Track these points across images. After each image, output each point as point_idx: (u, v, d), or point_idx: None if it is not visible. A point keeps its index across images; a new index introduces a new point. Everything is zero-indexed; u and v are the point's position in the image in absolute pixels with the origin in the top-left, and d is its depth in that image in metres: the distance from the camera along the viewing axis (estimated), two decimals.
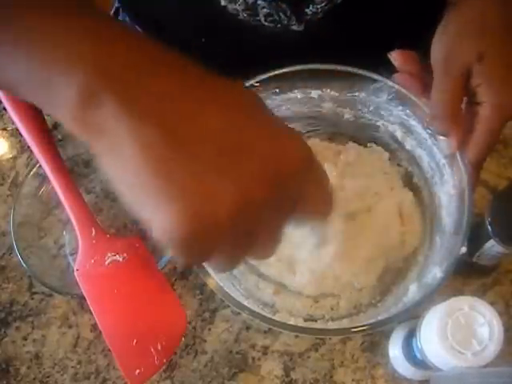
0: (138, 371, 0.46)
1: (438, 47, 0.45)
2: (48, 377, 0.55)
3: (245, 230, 0.29)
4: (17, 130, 0.64)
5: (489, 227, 0.47)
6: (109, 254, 0.52)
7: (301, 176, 0.30)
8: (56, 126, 0.66)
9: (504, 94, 0.42)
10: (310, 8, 0.53)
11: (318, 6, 0.53)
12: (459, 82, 0.43)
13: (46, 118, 0.54)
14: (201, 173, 0.27)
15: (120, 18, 0.71)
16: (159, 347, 0.47)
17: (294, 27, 0.55)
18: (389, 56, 0.47)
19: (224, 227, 0.28)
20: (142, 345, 0.47)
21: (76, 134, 0.28)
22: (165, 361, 0.47)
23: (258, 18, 0.55)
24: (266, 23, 0.55)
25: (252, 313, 0.43)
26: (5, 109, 0.66)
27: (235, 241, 0.30)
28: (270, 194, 0.29)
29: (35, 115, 0.53)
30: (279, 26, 0.55)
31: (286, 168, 0.29)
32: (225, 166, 0.28)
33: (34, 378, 0.54)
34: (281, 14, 0.54)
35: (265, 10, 0.54)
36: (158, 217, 0.28)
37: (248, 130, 0.29)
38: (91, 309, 0.49)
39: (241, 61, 0.46)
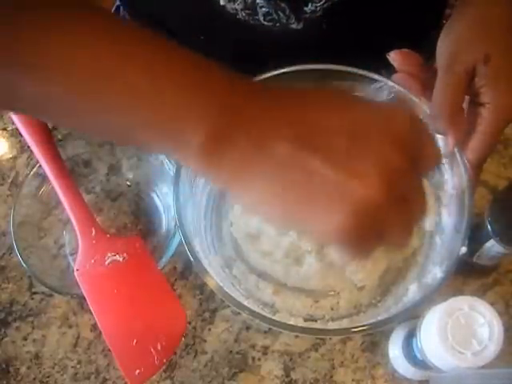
0: (137, 371, 0.46)
1: (444, 46, 0.45)
2: (48, 377, 0.55)
3: (399, 198, 0.31)
4: (17, 129, 0.64)
5: (489, 227, 0.47)
6: (109, 254, 0.52)
7: (415, 132, 0.32)
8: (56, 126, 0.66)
9: (508, 96, 0.43)
10: (309, 6, 0.53)
11: (317, 5, 0.53)
12: (462, 81, 0.43)
13: None
14: (340, 167, 0.29)
15: (120, 14, 0.71)
16: (159, 347, 0.47)
17: (293, 26, 0.55)
18: (387, 56, 0.47)
19: (382, 202, 0.29)
20: (141, 345, 0.47)
21: (208, 176, 0.32)
22: (165, 361, 0.47)
23: (257, 18, 0.55)
24: (265, 22, 0.55)
25: (252, 313, 0.43)
26: None
27: (397, 210, 0.31)
28: (403, 156, 0.30)
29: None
30: (278, 25, 0.55)
31: (403, 130, 0.31)
32: (356, 152, 0.30)
33: (34, 378, 0.54)
34: (280, 12, 0.54)
35: (264, 9, 0.54)
36: (322, 225, 0.30)
37: (356, 117, 0.31)
38: (91, 309, 0.49)
39: (240, 60, 0.46)
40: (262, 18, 0.55)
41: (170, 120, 0.30)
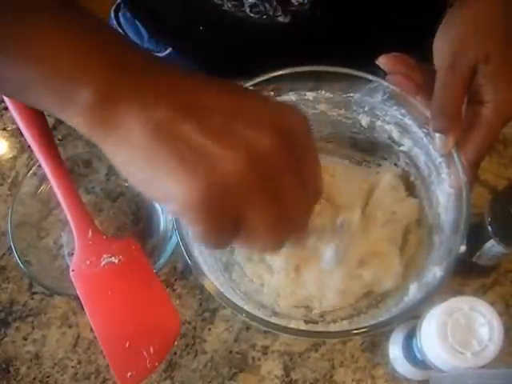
0: (129, 374, 0.46)
1: (443, 44, 0.44)
2: (48, 377, 0.55)
3: (269, 192, 0.30)
4: (17, 129, 0.64)
5: (489, 227, 0.47)
6: (104, 256, 0.51)
7: (302, 135, 0.31)
8: (56, 126, 0.66)
9: (508, 95, 0.43)
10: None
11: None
12: (465, 80, 0.43)
13: (46, 117, 0.54)
14: (207, 136, 0.29)
15: (120, 12, 0.71)
16: (152, 350, 0.47)
17: (280, 19, 0.55)
18: (377, 63, 0.47)
19: (240, 179, 0.29)
20: (134, 347, 0.47)
21: (87, 133, 0.31)
22: (157, 364, 0.47)
23: (243, 9, 0.54)
24: (252, 14, 0.55)
25: (252, 317, 0.43)
26: (5, 108, 0.67)
27: (262, 203, 0.30)
28: (282, 147, 0.29)
29: (36, 115, 0.53)
30: (265, 17, 0.55)
31: (289, 126, 0.30)
32: (230, 128, 0.29)
33: (34, 378, 0.54)
34: (266, 4, 0.53)
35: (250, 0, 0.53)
36: (176, 190, 0.29)
37: (244, 103, 0.31)
38: (85, 310, 0.49)
39: (226, 56, 0.45)
40: (248, 10, 0.54)
41: (61, 79, 0.30)
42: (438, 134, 0.45)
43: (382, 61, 0.47)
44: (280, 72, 0.48)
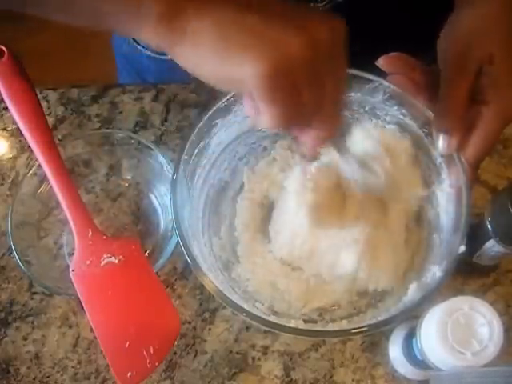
0: (129, 374, 0.46)
1: (448, 45, 0.45)
2: (48, 377, 0.55)
3: (315, 71, 0.35)
4: (17, 129, 0.64)
5: (489, 227, 0.47)
6: (104, 256, 0.51)
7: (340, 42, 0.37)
8: (56, 126, 0.66)
9: (511, 96, 0.43)
10: (312, 6, 0.53)
11: (319, 5, 0.53)
12: (470, 81, 0.43)
13: (46, 117, 0.54)
14: (270, 27, 0.34)
15: None
16: (151, 350, 0.47)
17: None
18: (377, 64, 0.47)
19: (298, 62, 0.34)
20: (134, 347, 0.47)
21: (158, 42, 0.35)
22: (157, 364, 0.47)
23: None
24: None
25: (251, 316, 0.43)
26: (5, 108, 0.66)
27: (310, 80, 0.35)
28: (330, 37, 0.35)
29: (36, 115, 0.53)
30: None
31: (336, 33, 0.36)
32: (290, 18, 0.35)
33: (34, 378, 0.54)
34: None
35: None
36: (247, 67, 0.33)
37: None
38: (85, 310, 0.49)
39: None
40: None
41: None
42: (441, 134, 0.45)
43: (382, 62, 0.47)
44: None
